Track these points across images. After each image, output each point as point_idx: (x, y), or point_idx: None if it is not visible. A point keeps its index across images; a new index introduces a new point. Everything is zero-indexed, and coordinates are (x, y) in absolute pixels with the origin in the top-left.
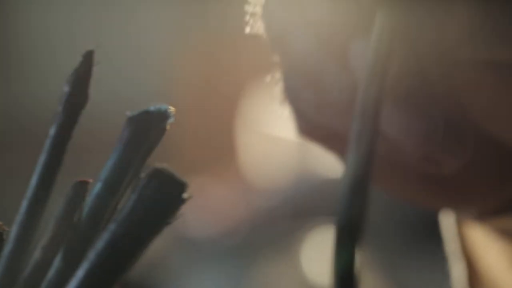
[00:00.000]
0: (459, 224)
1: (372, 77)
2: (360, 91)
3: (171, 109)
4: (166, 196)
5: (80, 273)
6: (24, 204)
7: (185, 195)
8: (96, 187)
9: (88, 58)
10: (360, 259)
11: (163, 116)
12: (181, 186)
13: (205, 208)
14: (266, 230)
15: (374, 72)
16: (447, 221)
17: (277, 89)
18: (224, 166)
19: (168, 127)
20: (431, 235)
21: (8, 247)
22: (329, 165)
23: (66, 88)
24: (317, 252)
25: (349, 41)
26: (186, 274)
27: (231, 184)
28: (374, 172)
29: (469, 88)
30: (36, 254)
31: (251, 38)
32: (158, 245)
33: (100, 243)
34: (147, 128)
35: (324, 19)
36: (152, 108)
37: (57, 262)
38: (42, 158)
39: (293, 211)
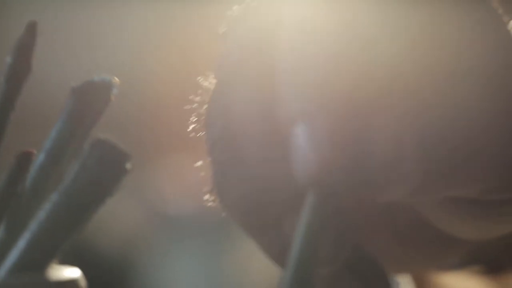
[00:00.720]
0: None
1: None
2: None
3: (115, 79)
4: (109, 166)
5: (21, 243)
6: None
7: (128, 166)
8: (39, 158)
9: (31, 29)
10: None
11: (107, 86)
12: (124, 156)
13: (186, 185)
14: None
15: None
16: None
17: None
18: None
19: (112, 98)
20: None
21: None
22: None
23: (8, 59)
24: None
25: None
26: (167, 251)
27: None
28: None
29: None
30: None
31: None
32: (139, 222)
33: (42, 214)
34: (91, 99)
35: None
36: (96, 78)
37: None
38: None
39: None
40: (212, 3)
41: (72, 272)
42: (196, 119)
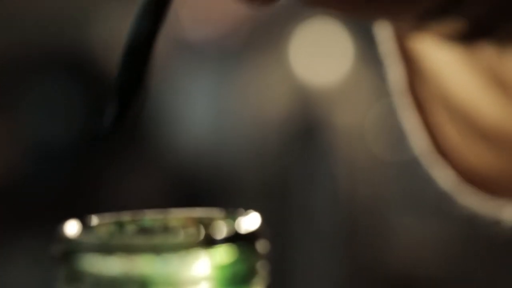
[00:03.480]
0: (398, 33)
1: None
2: None
3: None
4: None
5: None
6: None
7: None
8: None
9: None
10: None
11: None
12: None
13: (205, 10)
14: (266, 32)
15: None
16: (383, 29)
17: None
18: None
19: None
20: None
21: None
22: None
23: None
24: (309, 52)
25: None
26: (182, 77)
27: None
28: None
29: None
30: None
31: None
32: (157, 48)
33: None
34: None
35: None
36: None
37: None
38: None
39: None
40: None
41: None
42: None
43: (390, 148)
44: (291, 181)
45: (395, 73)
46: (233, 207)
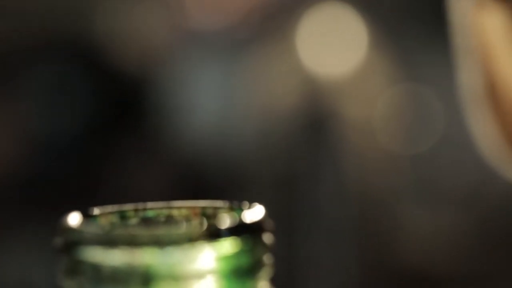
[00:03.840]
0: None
1: None
2: None
3: None
4: None
5: None
6: None
7: None
8: None
9: None
10: None
11: None
12: None
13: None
14: (275, 21)
15: None
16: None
17: None
18: None
19: None
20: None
21: None
22: None
23: None
24: (318, 41)
25: None
26: (187, 66)
27: None
28: None
29: None
30: None
31: None
32: (162, 36)
33: None
34: None
35: None
36: None
37: None
38: None
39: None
40: None
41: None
42: None
43: (400, 141)
44: (299, 173)
45: (470, 70)
46: (240, 199)
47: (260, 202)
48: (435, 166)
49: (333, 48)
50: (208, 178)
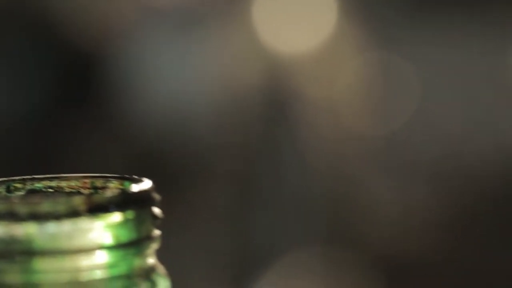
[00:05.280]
0: None
1: None
2: None
3: None
4: None
5: None
6: None
7: None
8: None
9: None
10: None
11: None
12: None
13: None
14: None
15: None
16: None
17: None
18: None
19: None
20: None
21: None
22: None
23: None
24: (272, 16)
25: None
26: (147, 41)
27: None
28: None
29: None
30: None
31: None
32: (119, 11)
33: None
34: None
35: None
36: None
37: None
38: None
39: None
40: None
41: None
42: None
43: (368, 121)
44: (258, 152)
45: None
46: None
47: (218, 181)
48: (406, 144)
49: (296, 22)
50: (163, 155)
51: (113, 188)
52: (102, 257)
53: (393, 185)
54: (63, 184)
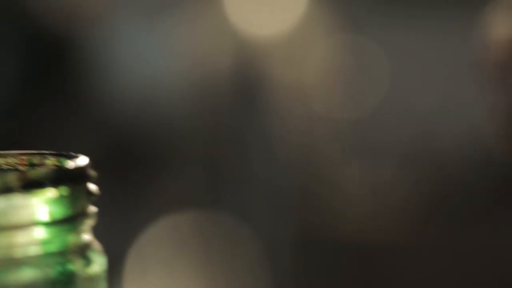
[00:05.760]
0: None
1: None
2: None
3: None
4: None
5: None
6: None
7: None
8: None
9: None
10: None
11: None
12: None
13: None
14: None
15: None
16: None
17: None
18: None
19: None
20: None
21: None
22: None
23: None
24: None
25: None
26: (118, 25)
27: None
28: None
29: None
30: None
31: None
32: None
33: None
34: None
35: None
36: None
37: None
38: None
39: None
40: None
41: (80, 160)
42: None
43: (334, 104)
44: (227, 135)
45: None
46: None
47: (188, 166)
48: (376, 128)
49: (266, 5)
50: (132, 137)
51: (49, 164)
52: (36, 234)
53: (363, 167)
54: (1, 161)
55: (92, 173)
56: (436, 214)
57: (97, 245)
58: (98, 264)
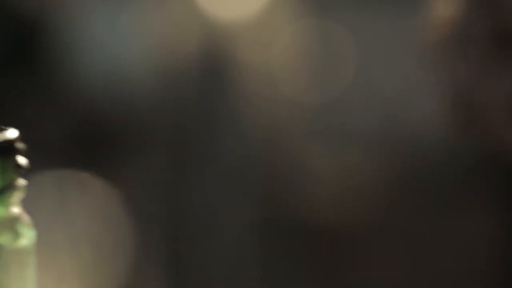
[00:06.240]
0: None
1: None
2: None
3: None
4: None
5: None
6: None
7: None
8: None
9: None
10: None
11: None
12: None
13: None
14: None
15: None
16: None
17: None
18: None
19: None
20: None
21: None
22: None
23: None
24: None
25: None
26: (89, 9)
27: None
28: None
29: None
30: None
31: None
32: None
33: None
34: None
35: None
36: None
37: None
38: None
39: None
40: None
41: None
42: None
43: (301, 87)
44: (195, 117)
45: None
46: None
47: (154, 147)
48: (343, 110)
49: None
50: (100, 120)
51: None
52: None
53: (329, 151)
54: None
55: (21, 146)
56: (403, 196)
57: (26, 218)
58: (27, 237)
